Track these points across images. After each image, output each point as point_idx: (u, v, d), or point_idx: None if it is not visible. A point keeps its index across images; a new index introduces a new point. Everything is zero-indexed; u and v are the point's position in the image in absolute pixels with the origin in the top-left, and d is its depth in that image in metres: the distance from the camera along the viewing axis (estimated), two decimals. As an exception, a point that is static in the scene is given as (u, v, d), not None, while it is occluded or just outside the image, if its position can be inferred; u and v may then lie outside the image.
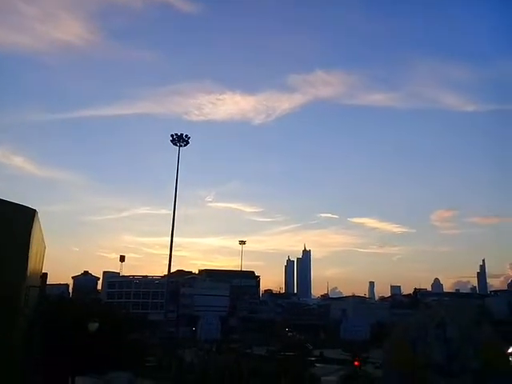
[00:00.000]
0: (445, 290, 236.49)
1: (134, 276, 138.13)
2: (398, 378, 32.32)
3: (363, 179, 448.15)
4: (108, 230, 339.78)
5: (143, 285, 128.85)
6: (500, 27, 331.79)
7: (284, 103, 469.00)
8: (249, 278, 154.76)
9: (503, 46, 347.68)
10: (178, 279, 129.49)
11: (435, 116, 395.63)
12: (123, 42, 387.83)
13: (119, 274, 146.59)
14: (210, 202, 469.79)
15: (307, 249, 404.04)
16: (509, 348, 36.83)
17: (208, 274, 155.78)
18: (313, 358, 64.35)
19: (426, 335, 32.40)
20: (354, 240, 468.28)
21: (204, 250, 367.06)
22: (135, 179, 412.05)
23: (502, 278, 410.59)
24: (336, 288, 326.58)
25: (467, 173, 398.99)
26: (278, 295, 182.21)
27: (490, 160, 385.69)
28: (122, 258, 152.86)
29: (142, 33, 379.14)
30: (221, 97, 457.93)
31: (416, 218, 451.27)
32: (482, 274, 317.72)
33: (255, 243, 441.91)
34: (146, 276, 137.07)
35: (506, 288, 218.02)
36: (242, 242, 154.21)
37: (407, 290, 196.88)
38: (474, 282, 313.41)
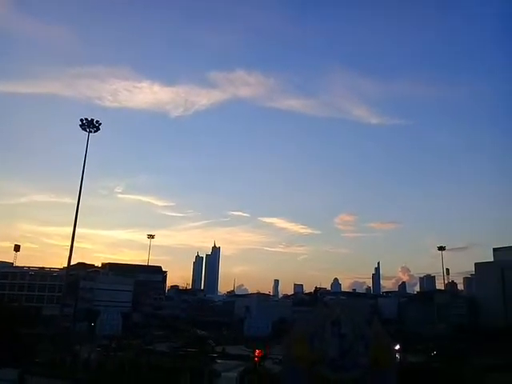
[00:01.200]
0: (343, 290, 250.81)
1: (29, 267, 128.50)
2: (295, 372, 33.64)
3: (275, 181, 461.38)
4: (1, 217, 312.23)
5: (39, 277, 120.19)
6: (407, 46, 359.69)
7: (203, 98, 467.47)
8: (155, 273, 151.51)
9: (409, 65, 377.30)
10: (79, 272, 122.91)
11: (345, 125, 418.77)
12: (32, 14, 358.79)
13: (13, 264, 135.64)
14: (120, 193, 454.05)
15: (217, 245, 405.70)
16: (396, 345, 40.14)
17: (112, 268, 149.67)
18: (214, 354, 64.69)
19: (323, 332, 34.14)
20: (262, 239, 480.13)
21: (109, 242, 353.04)
22: (36, 163, 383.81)
23: (393, 280, 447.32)
24: (242, 285, 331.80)
25: (368, 181, 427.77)
26: (185, 291, 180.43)
27: (389, 171, 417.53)
28: (17, 248, 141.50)
29: (55, 6, 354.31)
30: (138, 85, 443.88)
31: (321, 221, 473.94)
32: (376, 276, 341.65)
33: (164, 238, 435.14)
34: (43, 268, 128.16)
35: (396, 289, 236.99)
36: (151, 236, 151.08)
37: (309, 288, 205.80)
38: (370, 282, 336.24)
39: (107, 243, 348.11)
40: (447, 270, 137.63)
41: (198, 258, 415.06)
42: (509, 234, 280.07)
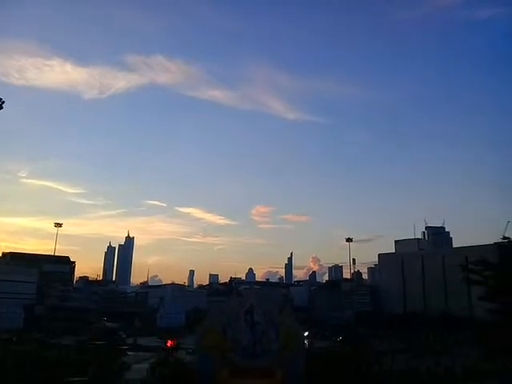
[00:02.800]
0: (257, 279, 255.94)
1: None
2: (207, 361, 33.91)
3: (193, 171, 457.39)
4: None
5: None
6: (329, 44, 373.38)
7: (120, 82, 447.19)
8: (62, 264, 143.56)
9: (327, 63, 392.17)
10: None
11: (264, 119, 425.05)
12: None
13: None
14: (24, 177, 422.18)
15: (131, 235, 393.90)
16: (305, 332, 41.99)
17: (13, 258, 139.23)
18: (125, 347, 63.17)
19: (236, 321, 34.76)
20: (179, 229, 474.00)
21: (11, 231, 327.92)
22: None
23: (305, 270, 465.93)
24: (157, 276, 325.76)
25: (284, 174, 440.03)
26: (95, 282, 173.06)
27: (303, 165, 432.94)
28: None
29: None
30: (48, 63, 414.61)
31: (238, 212, 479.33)
32: (289, 266, 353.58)
33: (74, 227, 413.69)
34: None
35: (307, 278, 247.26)
36: (58, 225, 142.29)
37: (225, 278, 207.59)
38: (283, 272, 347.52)
39: (9, 231, 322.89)
40: (354, 260, 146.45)
41: (110, 249, 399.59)
42: (409, 227, 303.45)
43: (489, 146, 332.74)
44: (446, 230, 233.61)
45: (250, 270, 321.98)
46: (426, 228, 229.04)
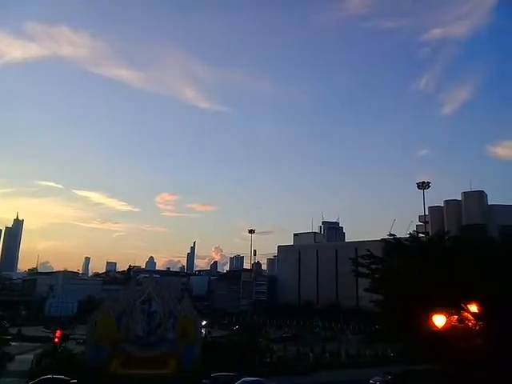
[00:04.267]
0: (157, 268, 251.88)
1: None
2: (98, 352, 32.68)
3: (93, 151, 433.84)
4: None
5: None
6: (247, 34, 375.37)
7: (16, 51, 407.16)
8: None
9: (241, 57, 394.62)
10: None
11: (174, 104, 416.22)
12: None
13: None
14: None
15: (20, 218, 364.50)
16: (203, 321, 42.32)
17: None
18: (9, 337, 58.66)
19: (132, 310, 33.91)
20: (75, 213, 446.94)
21: None
22: None
23: (207, 260, 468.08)
24: (47, 262, 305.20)
25: (191, 163, 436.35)
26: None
27: (212, 155, 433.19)
28: None
29: None
30: None
31: (142, 198, 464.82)
32: (191, 255, 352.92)
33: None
34: None
35: (209, 268, 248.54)
36: None
37: (123, 266, 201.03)
38: (184, 261, 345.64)
39: None
40: (255, 251, 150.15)
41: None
42: (307, 221, 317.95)
43: (385, 149, 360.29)
44: (340, 225, 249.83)
45: (151, 258, 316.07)
46: (323, 223, 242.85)
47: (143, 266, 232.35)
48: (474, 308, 15.01)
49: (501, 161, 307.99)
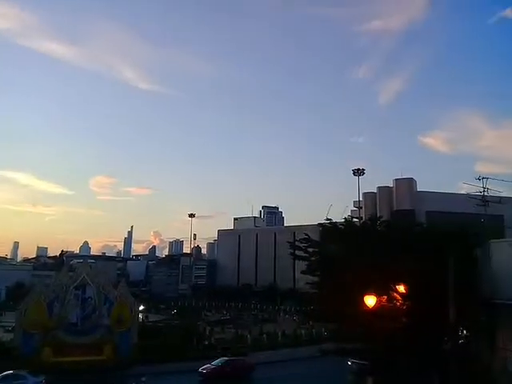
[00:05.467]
0: (92, 253, 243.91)
1: None
2: (28, 340, 31.33)
3: (22, 129, 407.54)
4: None
5: None
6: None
7: None
8: None
9: (183, 39, 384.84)
10: None
11: (112, 84, 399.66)
12: None
13: None
14: None
15: None
16: (140, 305, 41.65)
17: None
18: None
19: (65, 296, 32.75)
20: (2, 195, 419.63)
21: None
22: None
23: (145, 244, 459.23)
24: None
25: (129, 145, 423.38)
26: None
27: (151, 137, 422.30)
28: None
29: None
30: None
31: (76, 181, 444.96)
32: (128, 239, 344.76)
33: None
34: None
35: (147, 253, 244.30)
36: None
37: (55, 251, 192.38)
38: (121, 246, 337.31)
39: None
40: (195, 235, 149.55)
41: None
42: (247, 206, 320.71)
43: (323, 136, 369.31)
44: (280, 210, 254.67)
45: (85, 243, 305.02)
46: (263, 207, 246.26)
47: (77, 251, 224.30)
48: (401, 289, 15.97)
49: (429, 150, 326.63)
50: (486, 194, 48.23)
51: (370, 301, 15.13)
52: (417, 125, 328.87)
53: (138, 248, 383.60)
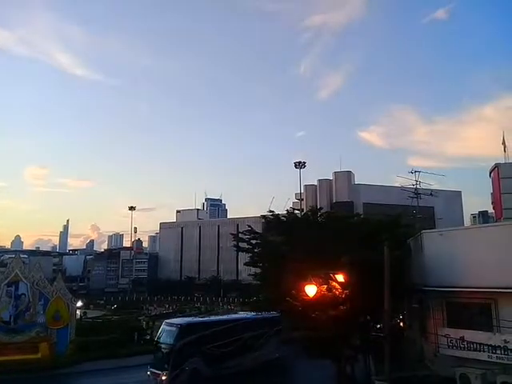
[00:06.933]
0: (25, 248, 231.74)
1: None
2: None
3: None
4: None
5: None
6: None
7: None
8: None
9: (120, 26, 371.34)
10: None
11: (46, 69, 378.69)
12: None
13: None
14: None
15: None
16: (77, 301, 40.16)
17: None
18: None
19: (-4, 294, 30.93)
20: None
21: None
22: None
23: (82, 238, 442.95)
24: None
25: (66, 134, 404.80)
26: None
27: (88, 126, 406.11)
28: None
29: None
30: None
31: (6, 171, 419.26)
32: (64, 234, 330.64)
33: None
34: None
35: (84, 247, 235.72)
36: None
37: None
38: (56, 240, 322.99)
39: None
40: (135, 228, 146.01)
41: None
42: (190, 199, 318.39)
43: (266, 129, 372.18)
44: (223, 202, 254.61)
45: (17, 237, 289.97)
46: (206, 199, 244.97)
47: (8, 246, 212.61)
48: (340, 277, 16.50)
49: (367, 144, 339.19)
50: (418, 186, 51.08)
51: (311, 290, 15.56)
52: (355, 119, 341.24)
53: (74, 242, 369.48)
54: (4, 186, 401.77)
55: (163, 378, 24.46)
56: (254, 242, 23.05)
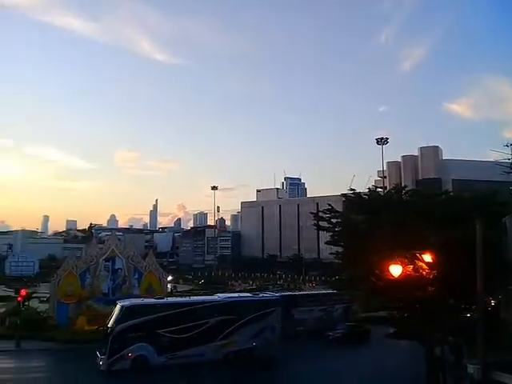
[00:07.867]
0: (119, 226, 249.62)
1: None
2: (64, 309, 32.77)
3: (47, 105, 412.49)
4: None
5: None
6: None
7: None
8: None
9: (199, 8, 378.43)
10: None
11: (129, 57, 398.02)
12: None
13: None
14: None
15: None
16: (168, 276, 42.73)
17: None
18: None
19: (96, 268, 33.91)
20: (29, 170, 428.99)
21: None
22: None
23: (170, 217, 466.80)
24: (4, 221, 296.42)
25: (152, 117, 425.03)
26: None
27: (172, 109, 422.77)
28: None
29: None
30: None
31: (100, 155, 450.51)
32: (154, 212, 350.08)
33: None
34: None
35: (172, 225, 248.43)
36: None
37: (84, 225, 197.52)
38: (147, 219, 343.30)
39: None
40: (218, 207, 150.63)
41: None
42: (270, 178, 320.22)
43: (345, 105, 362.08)
44: (302, 181, 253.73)
45: (112, 216, 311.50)
46: (285, 179, 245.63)
47: (105, 225, 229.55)
48: (427, 258, 15.85)
49: (455, 117, 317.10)
50: (514, 160, 46.88)
51: (396, 270, 15.11)
52: (442, 92, 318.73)
53: (163, 221, 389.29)
54: (97, 168, 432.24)
55: (100, 362, 23.38)
56: (334, 221, 22.82)
